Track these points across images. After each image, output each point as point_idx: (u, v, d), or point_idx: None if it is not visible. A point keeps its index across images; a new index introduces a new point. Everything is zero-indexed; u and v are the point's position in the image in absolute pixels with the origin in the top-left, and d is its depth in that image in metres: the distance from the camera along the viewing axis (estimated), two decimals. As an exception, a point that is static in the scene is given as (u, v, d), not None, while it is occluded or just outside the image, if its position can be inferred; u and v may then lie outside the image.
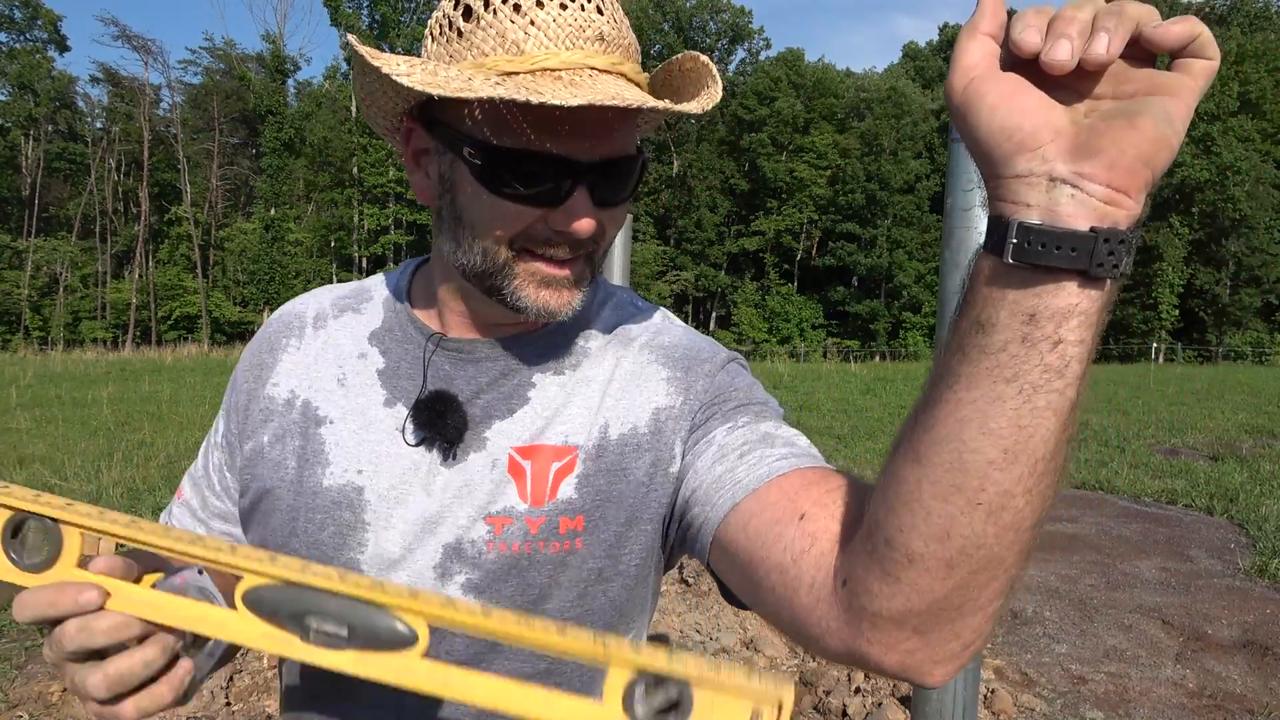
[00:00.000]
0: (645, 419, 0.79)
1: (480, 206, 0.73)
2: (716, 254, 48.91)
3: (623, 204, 0.77)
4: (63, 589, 0.57)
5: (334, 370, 0.84)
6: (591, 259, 0.78)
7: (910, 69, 57.27)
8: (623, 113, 0.70)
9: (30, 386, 17.88)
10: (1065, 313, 0.48)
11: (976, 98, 0.49)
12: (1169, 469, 8.74)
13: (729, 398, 0.80)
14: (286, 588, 0.54)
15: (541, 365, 0.82)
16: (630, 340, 0.85)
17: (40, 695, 3.46)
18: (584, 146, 0.70)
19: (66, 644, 0.58)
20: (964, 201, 1.50)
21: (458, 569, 0.76)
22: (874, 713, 3.31)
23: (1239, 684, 3.74)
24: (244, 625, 0.55)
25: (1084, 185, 0.47)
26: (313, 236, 48.42)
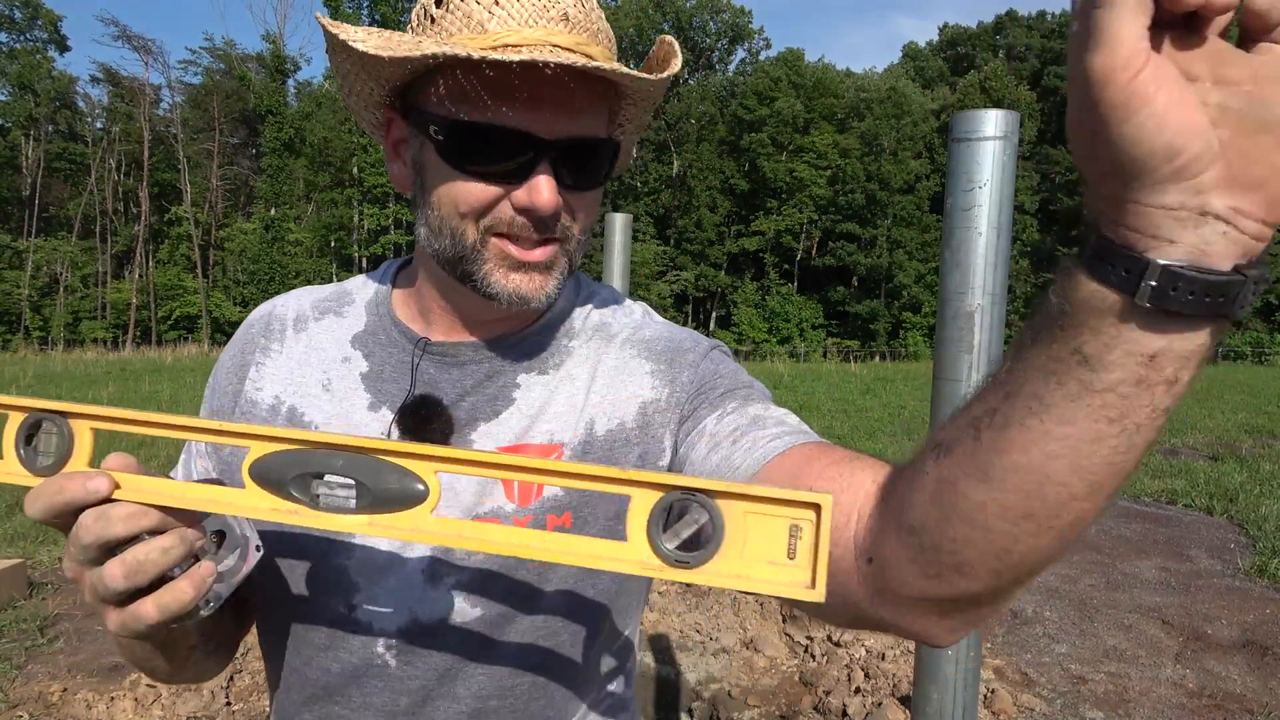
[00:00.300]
0: (632, 414, 0.79)
1: (446, 185, 0.73)
2: (716, 254, 48.92)
3: (593, 190, 0.76)
4: (71, 476, 0.58)
5: (318, 375, 0.84)
6: (566, 247, 0.77)
7: (910, 69, 57.30)
8: (586, 87, 0.71)
9: (30, 386, 17.88)
10: (1191, 355, 0.43)
11: (1142, 99, 0.38)
12: (1169, 469, 8.75)
13: (715, 385, 0.80)
14: (291, 453, 0.55)
15: (525, 366, 0.82)
16: (612, 336, 0.85)
17: (40, 695, 3.46)
18: (545, 121, 0.70)
19: (84, 536, 0.58)
20: (964, 201, 1.50)
21: (446, 572, 0.76)
22: (874, 713, 3.31)
23: (1239, 684, 3.75)
24: (254, 499, 0.56)
25: (1239, 222, 0.40)
26: (313, 236, 48.42)
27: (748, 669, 3.84)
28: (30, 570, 5.02)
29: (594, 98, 0.73)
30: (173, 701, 3.37)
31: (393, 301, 0.87)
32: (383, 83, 0.75)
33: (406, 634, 0.77)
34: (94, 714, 3.31)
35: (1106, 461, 0.46)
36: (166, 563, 0.59)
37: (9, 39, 47.35)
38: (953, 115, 1.54)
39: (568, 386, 0.81)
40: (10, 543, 5.81)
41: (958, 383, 1.54)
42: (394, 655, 0.78)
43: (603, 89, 0.74)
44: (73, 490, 0.57)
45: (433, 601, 0.77)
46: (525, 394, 0.81)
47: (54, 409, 0.60)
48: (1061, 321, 0.46)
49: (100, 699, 3.39)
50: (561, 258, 0.77)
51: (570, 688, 0.82)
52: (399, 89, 0.77)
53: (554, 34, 0.70)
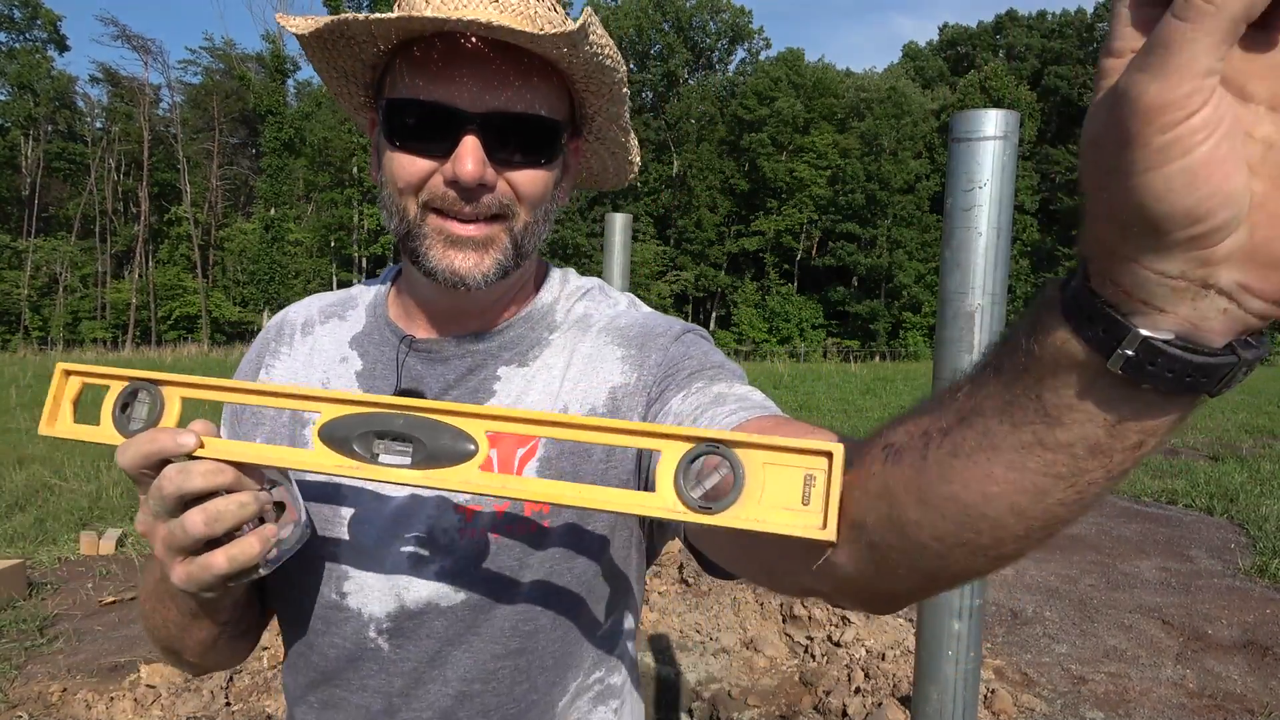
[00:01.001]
0: (603, 399, 0.81)
1: (389, 163, 0.77)
2: (716, 254, 48.93)
3: (531, 168, 0.77)
4: (162, 431, 0.64)
5: (319, 375, 0.88)
6: (510, 225, 0.78)
7: (910, 69, 57.30)
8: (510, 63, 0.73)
9: (30, 386, 17.87)
10: (1158, 429, 0.39)
11: (1182, 149, 0.31)
12: (1169, 469, 8.75)
13: (682, 366, 0.80)
14: (356, 416, 0.61)
15: (505, 359, 0.85)
16: (589, 326, 0.87)
17: (40, 695, 3.46)
18: (469, 95, 0.72)
19: (167, 486, 0.63)
20: (964, 201, 1.50)
21: (431, 557, 0.79)
22: (874, 713, 3.31)
23: (1239, 684, 3.75)
24: (322, 458, 0.61)
25: (1244, 301, 0.34)
26: (313, 236, 48.39)
27: (748, 669, 3.84)
28: (30, 570, 5.02)
29: (522, 74, 0.74)
30: (172, 701, 3.37)
31: (388, 303, 0.91)
32: (353, 82, 0.81)
33: (395, 619, 0.80)
34: (94, 714, 3.31)
35: (1048, 511, 0.43)
36: (243, 516, 0.65)
37: (9, 39, 47.36)
38: (953, 115, 1.54)
39: (544, 375, 0.84)
40: (10, 543, 5.81)
41: (958, 383, 1.54)
42: (385, 639, 0.81)
43: (535, 67, 0.75)
44: (163, 441, 0.63)
45: (419, 587, 0.79)
46: (505, 385, 0.83)
47: (150, 378, 0.67)
48: (1027, 361, 0.40)
49: (100, 699, 3.39)
50: (503, 236, 0.77)
51: (552, 673, 0.83)
52: (372, 88, 0.82)
53: (476, 11, 0.72)
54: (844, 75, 53.76)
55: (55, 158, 48.02)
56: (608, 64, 0.75)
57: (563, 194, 0.85)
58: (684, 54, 52.81)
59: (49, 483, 7.65)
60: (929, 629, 1.57)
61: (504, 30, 0.68)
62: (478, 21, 0.68)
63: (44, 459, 8.84)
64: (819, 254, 49.08)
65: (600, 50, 0.74)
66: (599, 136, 0.88)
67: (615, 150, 0.91)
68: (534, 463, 0.79)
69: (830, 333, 47.41)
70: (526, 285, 0.89)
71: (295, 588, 0.84)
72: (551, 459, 0.79)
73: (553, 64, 0.76)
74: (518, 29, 0.69)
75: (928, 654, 1.57)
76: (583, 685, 0.86)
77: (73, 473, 8.06)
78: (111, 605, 4.66)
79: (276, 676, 3.59)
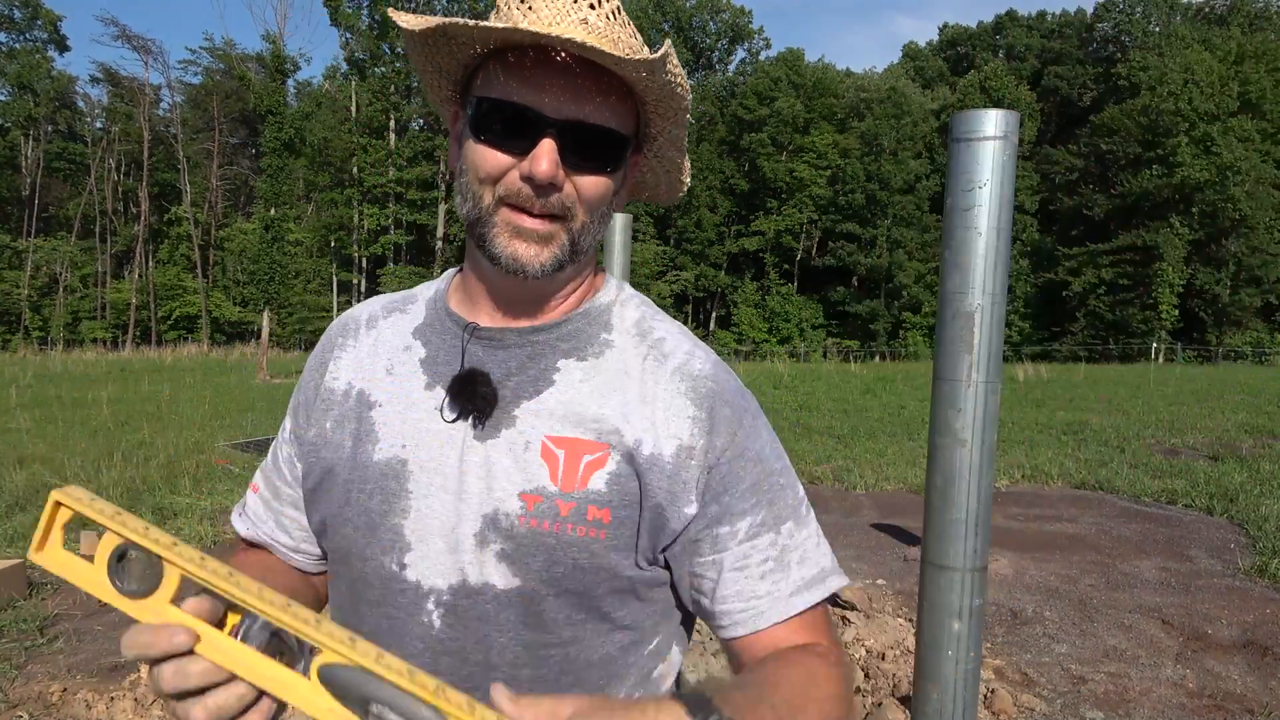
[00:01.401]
0: (670, 451, 0.85)
1: (472, 154, 0.83)
2: (716, 254, 48.94)
3: (596, 175, 0.83)
4: (158, 632, 0.63)
5: (384, 362, 0.94)
6: (569, 225, 0.84)
7: (910, 69, 57.30)
8: (593, 79, 0.80)
9: (30, 386, 17.88)
10: None
11: None
12: (1169, 469, 8.75)
13: (743, 475, 0.86)
14: (360, 672, 0.60)
15: (565, 351, 0.89)
16: (664, 357, 0.90)
17: (40, 695, 3.46)
18: (553, 102, 0.79)
19: (165, 685, 0.64)
20: (964, 201, 1.50)
21: (493, 538, 0.83)
22: (874, 713, 3.30)
23: (1239, 684, 3.75)
24: (314, 696, 0.61)
25: None
26: (313, 236, 48.35)
27: (748, 669, 3.84)
28: (30, 570, 5.02)
29: (602, 90, 0.81)
30: (173, 701, 3.37)
31: (448, 295, 0.97)
32: (446, 77, 0.88)
33: (455, 593, 0.84)
34: (94, 714, 3.31)
35: None
36: (243, 705, 0.65)
37: (9, 39, 47.38)
38: (953, 115, 1.54)
39: (619, 388, 0.87)
40: (10, 543, 5.81)
41: (958, 383, 1.54)
42: (439, 616, 0.84)
43: (614, 85, 0.81)
44: (160, 647, 0.64)
45: (479, 566, 0.83)
46: (565, 377, 0.88)
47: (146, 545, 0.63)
48: None
49: (100, 699, 3.39)
50: (562, 233, 0.84)
51: (599, 673, 0.86)
52: (461, 84, 0.89)
53: (572, 31, 0.78)
54: (844, 75, 53.75)
55: (55, 158, 48.02)
56: (678, 91, 0.82)
57: (618, 202, 0.91)
58: (684, 54, 52.81)
59: (49, 483, 7.65)
60: (929, 629, 1.57)
61: (594, 51, 0.75)
62: (573, 40, 0.74)
63: (44, 459, 8.84)
64: (819, 254, 49.08)
65: (674, 78, 0.81)
66: (657, 154, 0.94)
67: (670, 169, 0.97)
68: (602, 473, 0.84)
69: (830, 333, 47.40)
70: (584, 284, 0.94)
71: (356, 557, 0.88)
72: (618, 476, 0.84)
73: (629, 84, 0.82)
74: (606, 51, 0.75)
75: (928, 654, 1.57)
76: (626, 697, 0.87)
77: (73, 473, 8.06)
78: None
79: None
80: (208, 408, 14.36)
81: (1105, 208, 42.63)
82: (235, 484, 7.85)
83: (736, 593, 0.85)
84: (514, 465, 0.84)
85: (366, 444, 0.89)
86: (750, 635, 0.85)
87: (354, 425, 0.91)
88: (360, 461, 0.89)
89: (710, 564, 0.85)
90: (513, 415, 0.86)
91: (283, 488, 0.99)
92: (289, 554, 1.00)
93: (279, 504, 0.99)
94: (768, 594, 0.85)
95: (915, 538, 6.14)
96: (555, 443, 0.84)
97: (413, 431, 0.87)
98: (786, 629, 0.85)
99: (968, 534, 1.54)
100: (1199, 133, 39.50)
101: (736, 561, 0.85)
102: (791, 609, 0.84)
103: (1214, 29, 48.66)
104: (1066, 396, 17.14)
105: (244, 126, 54.91)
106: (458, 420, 0.86)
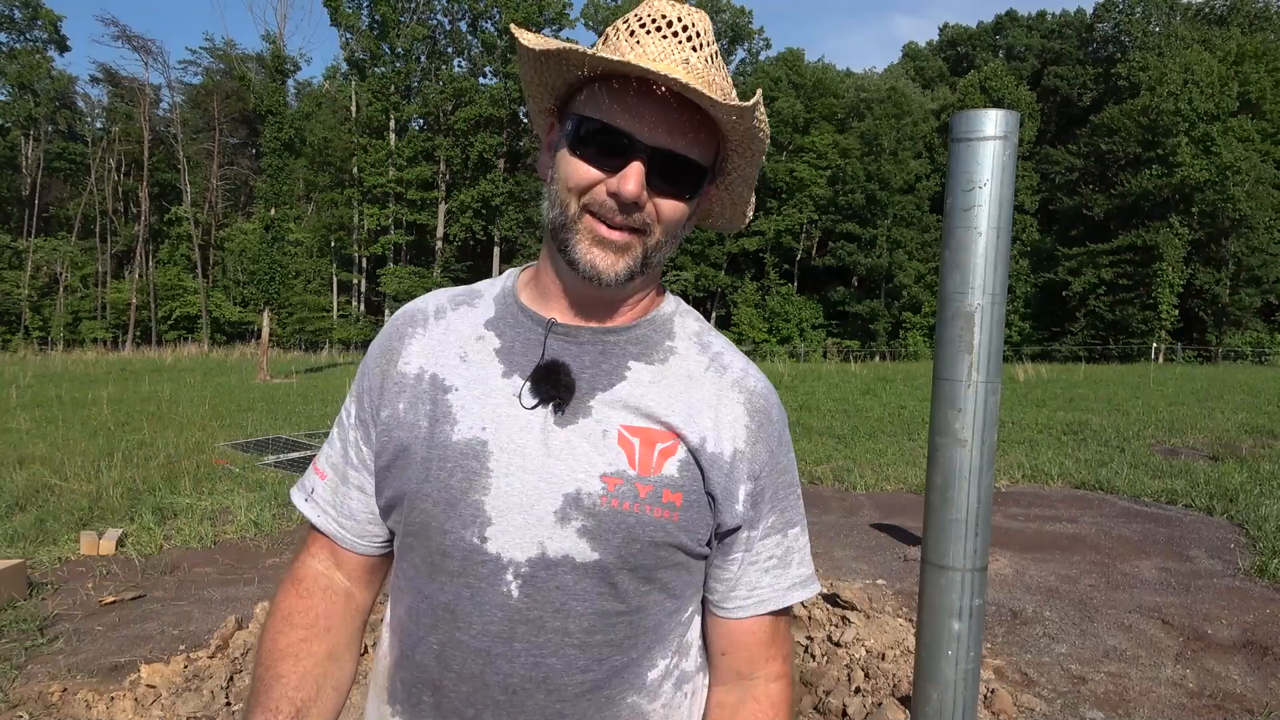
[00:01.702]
0: (728, 453, 0.95)
1: (565, 164, 0.91)
2: (716, 254, 48.91)
3: (676, 199, 0.91)
4: None
5: (456, 350, 1.00)
6: (645, 240, 0.91)
7: (910, 69, 57.29)
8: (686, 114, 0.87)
9: (30, 386, 17.87)
10: None
11: None
12: (1169, 469, 8.75)
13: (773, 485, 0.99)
14: None
15: (634, 354, 0.98)
16: (724, 369, 1.00)
17: (40, 695, 3.46)
18: (647, 129, 0.87)
19: None
20: (964, 201, 1.50)
21: (575, 516, 0.90)
22: (874, 713, 3.30)
23: (1239, 684, 3.75)
24: None
25: None
26: (313, 236, 48.32)
27: (748, 669, 3.83)
28: (30, 570, 5.03)
29: (693, 126, 0.89)
30: (172, 701, 3.37)
31: (518, 292, 1.03)
32: (550, 92, 0.96)
33: (534, 565, 0.90)
34: (94, 714, 3.31)
35: None
36: None
37: (9, 39, 47.33)
38: (953, 115, 1.54)
39: (684, 392, 0.96)
40: (10, 543, 5.81)
41: (958, 383, 1.54)
42: (518, 587, 0.90)
43: (703, 122, 0.89)
44: None
45: (560, 540, 0.90)
46: (635, 375, 0.96)
47: None
48: None
49: (100, 699, 3.39)
50: (638, 246, 0.91)
51: (651, 638, 0.96)
52: (562, 99, 0.96)
53: (673, 70, 0.86)
54: (844, 75, 53.73)
55: (55, 158, 47.98)
56: (760, 136, 0.91)
57: (689, 226, 0.99)
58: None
59: (49, 483, 7.65)
60: (929, 629, 1.57)
61: (693, 91, 0.83)
62: (677, 80, 0.82)
63: (44, 459, 8.84)
64: (819, 254, 49.05)
65: (759, 125, 0.89)
66: (729, 188, 1.02)
67: (736, 201, 1.05)
68: (674, 461, 0.93)
69: (830, 333, 47.35)
70: (651, 296, 1.02)
71: (436, 530, 0.93)
72: (688, 464, 0.93)
73: (717, 123, 0.90)
74: (704, 92, 0.83)
75: (928, 654, 1.57)
76: (669, 667, 0.98)
77: (73, 473, 8.06)
78: (111, 605, 4.67)
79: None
80: (208, 408, 14.36)
81: (1105, 208, 42.59)
82: (235, 484, 7.85)
83: (745, 581, 0.98)
84: (593, 450, 0.91)
85: (444, 425, 0.95)
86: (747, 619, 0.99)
87: (429, 407, 0.97)
88: (438, 441, 0.94)
89: (732, 555, 0.97)
90: (589, 405, 0.94)
91: (350, 472, 1.04)
92: (355, 540, 1.04)
93: (345, 487, 1.04)
94: (769, 586, 0.98)
95: (915, 538, 6.15)
96: (630, 431, 0.92)
97: (492, 415, 0.94)
98: (771, 619, 1.00)
99: (968, 534, 1.54)
100: (1199, 133, 39.47)
101: (752, 556, 0.97)
102: (786, 601, 0.99)
103: (1214, 29, 48.64)
104: (1066, 396, 17.14)
105: (244, 126, 54.89)
106: (537, 406, 0.93)
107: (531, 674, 0.91)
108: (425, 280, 45.63)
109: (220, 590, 4.98)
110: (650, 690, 0.96)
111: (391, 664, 1.00)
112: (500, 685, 0.91)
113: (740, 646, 1.00)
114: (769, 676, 1.01)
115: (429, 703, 0.95)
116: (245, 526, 6.37)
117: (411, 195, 45.65)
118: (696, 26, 0.90)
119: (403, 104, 46.04)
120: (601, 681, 0.93)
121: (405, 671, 0.97)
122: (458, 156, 45.89)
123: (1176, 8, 51.69)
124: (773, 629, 1.01)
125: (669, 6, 0.91)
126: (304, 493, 1.07)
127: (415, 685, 0.96)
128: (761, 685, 1.00)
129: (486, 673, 0.91)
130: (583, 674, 0.91)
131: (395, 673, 0.99)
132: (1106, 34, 52.64)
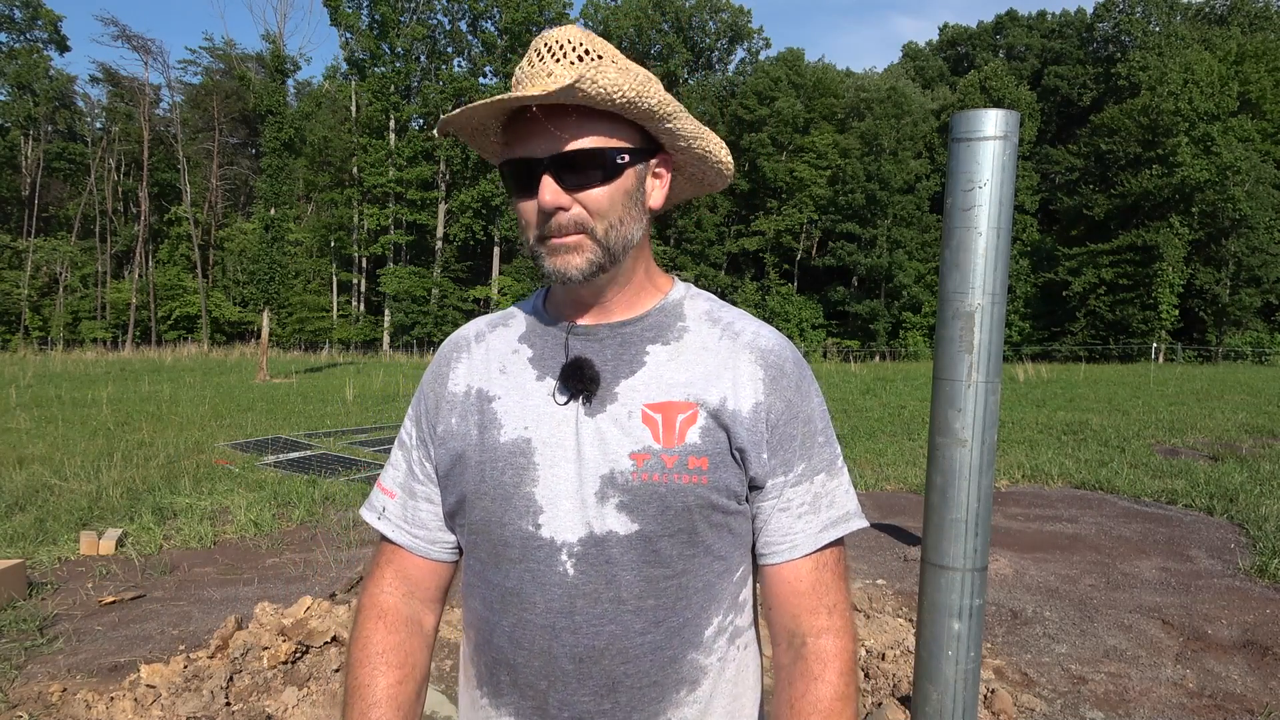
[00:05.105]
0: (748, 408, 1.02)
1: (514, 208, 1.02)
2: (716, 254, 48.92)
3: (594, 187, 0.97)
4: None
5: (496, 365, 1.11)
6: (594, 235, 0.98)
7: (910, 69, 57.26)
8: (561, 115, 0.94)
9: (30, 386, 17.87)
10: None
11: None
12: (1169, 469, 8.75)
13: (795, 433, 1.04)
14: None
15: (650, 339, 1.06)
16: (737, 335, 1.07)
17: (40, 695, 3.46)
18: (540, 146, 0.95)
19: None
20: (964, 201, 1.50)
21: (612, 494, 0.99)
22: (874, 713, 3.30)
23: (1239, 684, 3.74)
24: None
25: None
26: (313, 236, 48.33)
27: (748, 669, 3.84)
28: (30, 570, 5.02)
29: (575, 121, 0.95)
30: (172, 701, 3.37)
31: (544, 307, 1.14)
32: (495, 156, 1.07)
33: (585, 544, 0.99)
34: (94, 714, 3.31)
35: None
36: None
37: (9, 39, 47.32)
38: (953, 115, 1.54)
39: (700, 361, 1.04)
40: (10, 543, 5.81)
41: (958, 382, 1.54)
42: (572, 565, 0.99)
43: (601, 115, 0.96)
44: None
45: (603, 517, 0.98)
46: (654, 359, 1.05)
47: None
48: None
49: (100, 699, 3.39)
50: (588, 241, 0.98)
51: (703, 597, 1.03)
52: None
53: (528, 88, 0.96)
54: (844, 75, 53.70)
55: (55, 158, 47.97)
56: (619, 100, 0.93)
57: (655, 200, 1.05)
58: (684, 54, 52.78)
59: (49, 483, 7.65)
60: (929, 629, 1.57)
61: (528, 99, 0.91)
62: (513, 96, 0.90)
63: (44, 459, 8.84)
64: (819, 254, 49.04)
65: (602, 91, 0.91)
66: (682, 152, 1.07)
67: (696, 161, 1.09)
68: (696, 428, 1.00)
69: (830, 333, 47.35)
70: (657, 284, 1.11)
71: (496, 524, 1.03)
72: (709, 429, 1.00)
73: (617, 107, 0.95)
74: (533, 93, 0.90)
75: (928, 654, 1.57)
76: (723, 624, 1.05)
77: (73, 473, 8.06)
78: (111, 605, 4.67)
79: (276, 676, 3.59)
80: (207, 408, 14.36)
81: (1105, 208, 42.57)
82: (235, 484, 7.85)
83: (778, 528, 1.04)
84: (621, 432, 1.00)
85: (492, 430, 1.05)
86: (784, 563, 1.04)
87: (477, 417, 1.07)
88: (488, 445, 1.04)
89: (766, 504, 1.04)
90: (614, 393, 1.02)
91: (417, 486, 1.13)
92: (428, 548, 1.14)
93: (414, 501, 1.14)
94: (801, 531, 1.04)
95: (915, 538, 6.14)
96: (653, 408, 1.00)
97: (532, 415, 1.04)
98: (812, 560, 1.05)
99: (968, 534, 1.54)
100: (1199, 132, 39.46)
101: (782, 504, 1.04)
102: (819, 543, 1.04)
103: (1214, 29, 48.63)
104: (1066, 396, 17.13)
105: (244, 126, 54.89)
106: (569, 402, 1.03)
107: (594, 642, 0.99)
108: (425, 280, 45.62)
109: (220, 590, 4.98)
110: (706, 646, 1.04)
111: (472, 651, 1.09)
112: (567, 655, 0.99)
113: (783, 597, 1.05)
114: (816, 632, 1.04)
115: (507, 681, 1.04)
116: (245, 526, 6.37)
117: (411, 195, 45.65)
118: (559, 39, 0.98)
119: (403, 104, 46.04)
120: (661, 642, 1.00)
121: (485, 655, 1.06)
122: (458, 156, 45.87)
123: (1176, 8, 51.68)
124: (814, 577, 1.05)
125: (541, 38, 0.99)
126: (375, 512, 1.17)
127: (494, 666, 1.05)
128: (810, 642, 1.03)
129: (554, 646, 1.00)
130: (641, 636, 0.99)
131: (477, 659, 1.08)
132: (1106, 34, 52.63)
